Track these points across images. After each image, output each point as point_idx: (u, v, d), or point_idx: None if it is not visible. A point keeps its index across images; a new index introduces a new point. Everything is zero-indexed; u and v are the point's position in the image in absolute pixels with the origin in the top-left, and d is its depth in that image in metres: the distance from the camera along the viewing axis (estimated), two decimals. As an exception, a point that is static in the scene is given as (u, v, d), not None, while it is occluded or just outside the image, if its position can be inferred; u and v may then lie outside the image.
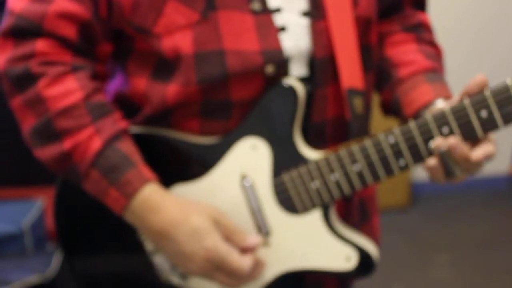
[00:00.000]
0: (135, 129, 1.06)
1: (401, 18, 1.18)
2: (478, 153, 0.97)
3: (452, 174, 0.98)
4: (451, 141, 0.96)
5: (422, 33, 1.17)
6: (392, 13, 1.17)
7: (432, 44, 1.17)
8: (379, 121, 1.32)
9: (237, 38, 0.99)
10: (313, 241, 1.04)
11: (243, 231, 1.02)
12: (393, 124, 1.02)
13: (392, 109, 1.12)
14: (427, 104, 1.05)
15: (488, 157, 0.97)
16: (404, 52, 1.14)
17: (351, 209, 1.14)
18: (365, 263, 1.04)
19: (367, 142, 1.00)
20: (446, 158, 0.97)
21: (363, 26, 1.08)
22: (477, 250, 3.21)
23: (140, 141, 1.04)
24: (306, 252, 1.04)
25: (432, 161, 0.98)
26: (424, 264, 3.10)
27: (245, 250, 1.01)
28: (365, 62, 1.09)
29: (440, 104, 1.02)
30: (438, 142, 0.97)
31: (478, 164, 0.98)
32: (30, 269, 2.44)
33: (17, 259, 2.66)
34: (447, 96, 1.06)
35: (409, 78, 1.10)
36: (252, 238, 1.02)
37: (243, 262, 0.99)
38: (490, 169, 3.92)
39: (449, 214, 3.61)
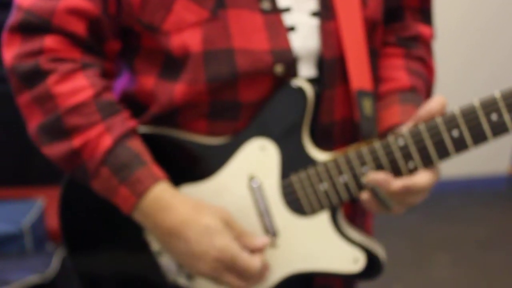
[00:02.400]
0: (143, 128, 1.05)
1: (398, 29, 1.16)
2: (397, 183, 0.98)
3: (387, 207, 1.00)
4: (380, 177, 0.98)
5: (414, 48, 1.16)
6: (391, 20, 1.16)
7: (422, 60, 1.16)
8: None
9: (247, 37, 0.99)
10: (320, 242, 1.03)
11: (251, 233, 1.02)
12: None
13: None
14: (393, 127, 1.06)
15: (411, 189, 0.98)
16: (389, 67, 1.14)
17: (357, 211, 1.14)
18: (373, 265, 1.04)
19: (377, 145, 0.99)
20: (379, 192, 0.98)
21: (370, 28, 1.08)
22: (477, 250, 3.21)
23: (147, 140, 1.04)
24: (313, 253, 1.04)
25: (364, 195, 1.00)
26: (424, 264, 3.10)
27: (253, 251, 1.01)
28: (372, 65, 1.09)
29: (405, 129, 1.01)
30: (369, 178, 0.99)
31: (411, 196, 0.99)
32: (30, 269, 2.42)
33: (17, 259, 2.64)
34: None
35: (385, 96, 1.11)
36: (260, 238, 1.01)
37: (254, 261, 0.99)
38: (490, 169, 3.94)
39: (449, 214, 3.61)
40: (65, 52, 1.00)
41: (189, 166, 1.05)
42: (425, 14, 1.18)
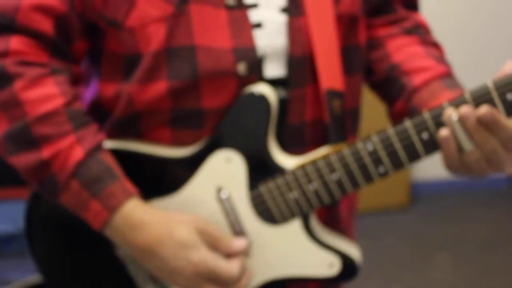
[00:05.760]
0: (108, 143, 1.02)
1: (398, 21, 1.13)
2: (483, 108, 0.90)
3: (464, 149, 0.93)
4: (463, 110, 0.92)
5: (424, 35, 1.13)
6: (381, 12, 1.12)
7: (435, 45, 1.13)
8: (375, 121, 1.31)
9: (209, 34, 0.95)
10: (294, 250, 1.03)
11: (227, 236, 1.00)
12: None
13: None
14: None
15: (497, 123, 0.90)
16: (413, 58, 1.09)
17: (336, 215, 1.12)
18: (348, 268, 1.03)
19: (346, 151, 0.98)
20: (458, 130, 0.93)
21: (348, 24, 1.04)
22: (477, 250, 3.20)
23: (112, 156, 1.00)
24: (287, 261, 1.03)
25: (443, 132, 0.93)
26: (424, 264, 3.09)
27: (230, 255, 0.99)
28: (352, 62, 1.06)
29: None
30: (449, 112, 0.92)
31: (493, 139, 0.91)
32: (30, 269, 2.44)
33: (17, 259, 2.66)
34: None
35: (425, 86, 1.05)
36: (237, 242, 1.00)
37: (232, 268, 0.97)
38: (491, 169, 3.92)
39: (449, 214, 3.60)
40: (32, 55, 0.95)
41: (156, 181, 1.02)
42: (412, 4, 1.15)
